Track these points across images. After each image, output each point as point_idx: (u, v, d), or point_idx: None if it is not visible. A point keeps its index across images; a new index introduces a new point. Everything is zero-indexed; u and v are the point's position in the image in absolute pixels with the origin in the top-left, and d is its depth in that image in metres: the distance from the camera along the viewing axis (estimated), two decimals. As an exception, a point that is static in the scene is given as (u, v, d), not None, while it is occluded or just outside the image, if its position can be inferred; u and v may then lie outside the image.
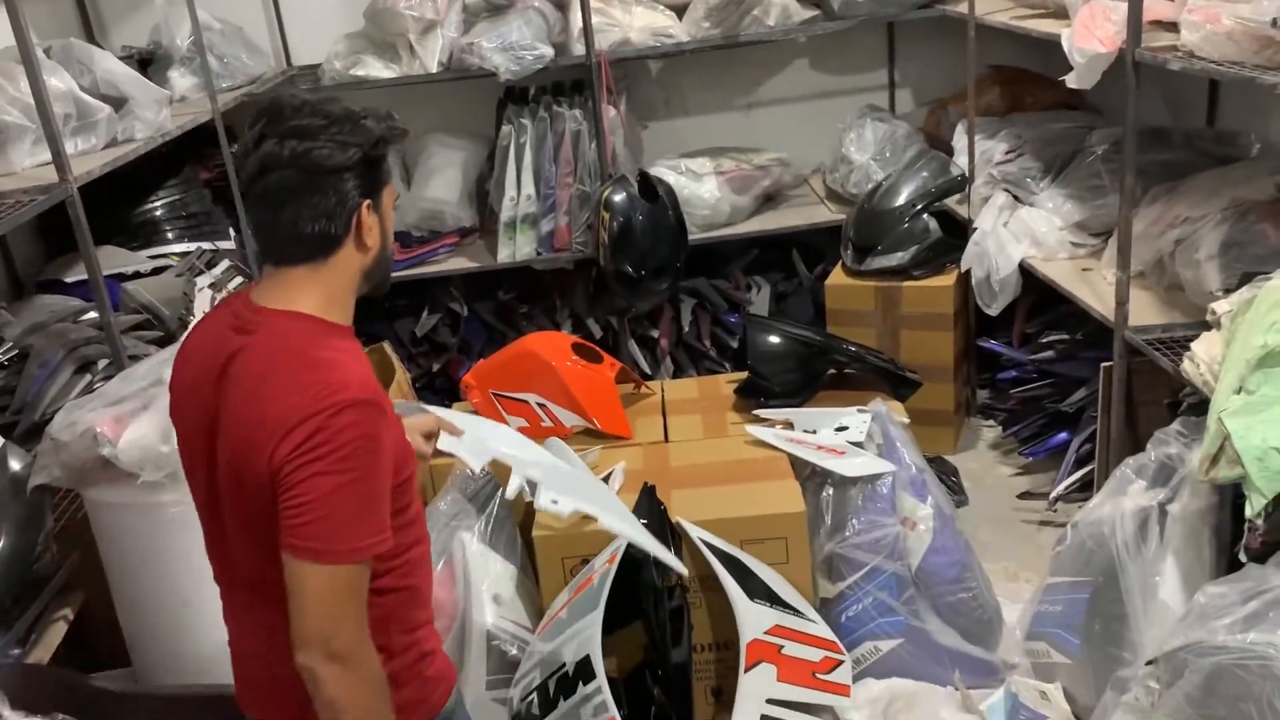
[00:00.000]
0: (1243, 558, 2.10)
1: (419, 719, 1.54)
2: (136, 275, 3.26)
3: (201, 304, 3.15)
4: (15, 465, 2.22)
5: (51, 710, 1.88)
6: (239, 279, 3.54)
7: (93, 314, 2.81)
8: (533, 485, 2.03)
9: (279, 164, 1.35)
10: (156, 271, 3.31)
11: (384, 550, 1.38)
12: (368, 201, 1.43)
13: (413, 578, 1.54)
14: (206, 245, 3.59)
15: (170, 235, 3.63)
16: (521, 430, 2.90)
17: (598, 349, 3.07)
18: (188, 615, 2.23)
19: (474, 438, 1.92)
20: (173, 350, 2.40)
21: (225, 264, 3.52)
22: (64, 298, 3.14)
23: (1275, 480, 1.92)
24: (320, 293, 1.42)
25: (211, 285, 3.33)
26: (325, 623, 1.32)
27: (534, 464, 2.08)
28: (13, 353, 2.76)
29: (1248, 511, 1.96)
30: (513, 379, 2.92)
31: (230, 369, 1.40)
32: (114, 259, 3.29)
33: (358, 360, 1.42)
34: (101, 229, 3.43)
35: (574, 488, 2.12)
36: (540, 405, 2.90)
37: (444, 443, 1.86)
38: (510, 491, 2.06)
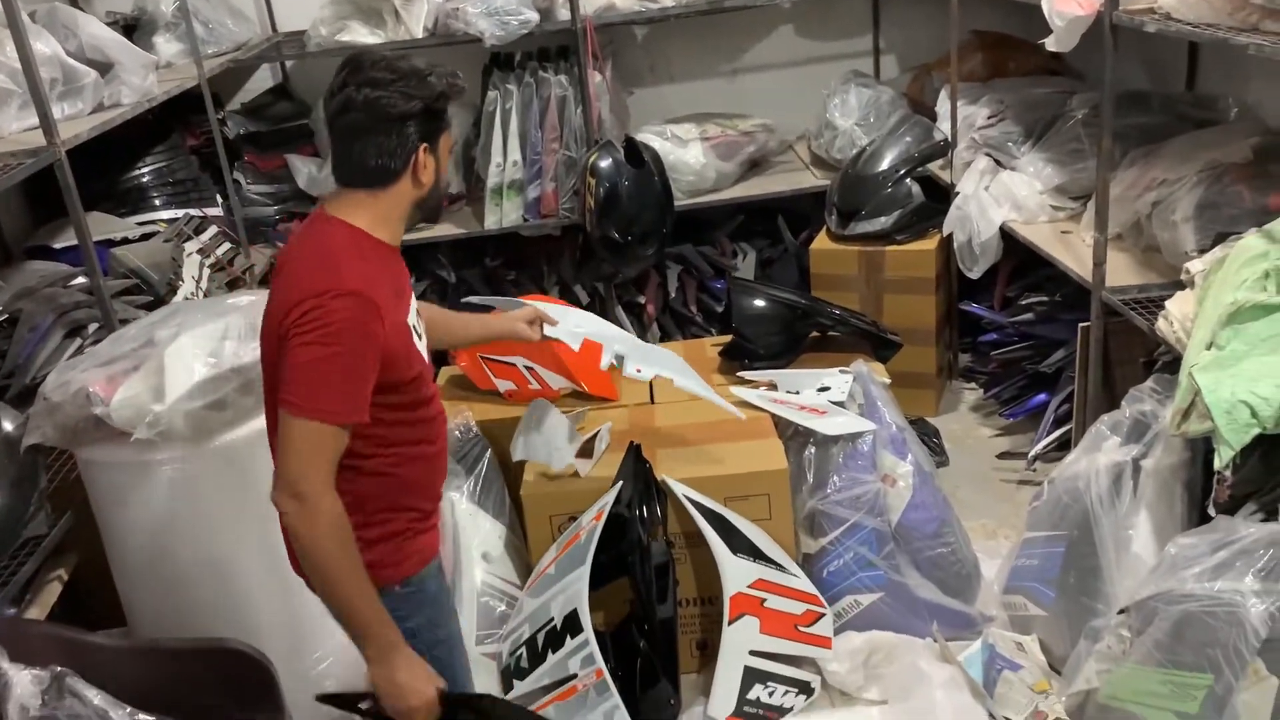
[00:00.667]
0: (1212, 511, 2.16)
1: (385, 578, 1.74)
2: (125, 241, 3.27)
3: (190, 269, 3.17)
4: (7, 426, 2.25)
5: (48, 664, 1.92)
6: (227, 245, 3.55)
7: (82, 279, 2.83)
8: (620, 358, 2.47)
9: (354, 108, 1.64)
10: (145, 238, 3.32)
11: (356, 422, 1.61)
12: (425, 145, 1.69)
13: (404, 469, 1.76)
14: (194, 211, 3.60)
15: (158, 202, 3.64)
16: (509, 394, 2.95)
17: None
18: (181, 572, 2.27)
19: (567, 325, 2.40)
20: (162, 312, 2.44)
21: (213, 230, 3.53)
22: (53, 263, 3.15)
23: (1243, 433, 1.97)
24: (373, 213, 1.70)
25: (200, 251, 3.35)
26: (295, 467, 1.58)
27: (619, 339, 2.53)
28: (2, 318, 2.79)
29: (1216, 464, 2.02)
30: (500, 343, 2.95)
31: (281, 261, 1.75)
32: (102, 225, 3.30)
33: (377, 268, 1.67)
34: (89, 196, 3.43)
35: (652, 359, 2.54)
36: (528, 368, 2.94)
37: (548, 330, 2.32)
38: (604, 364, 2.49)
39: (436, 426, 1.83)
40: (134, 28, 3.69)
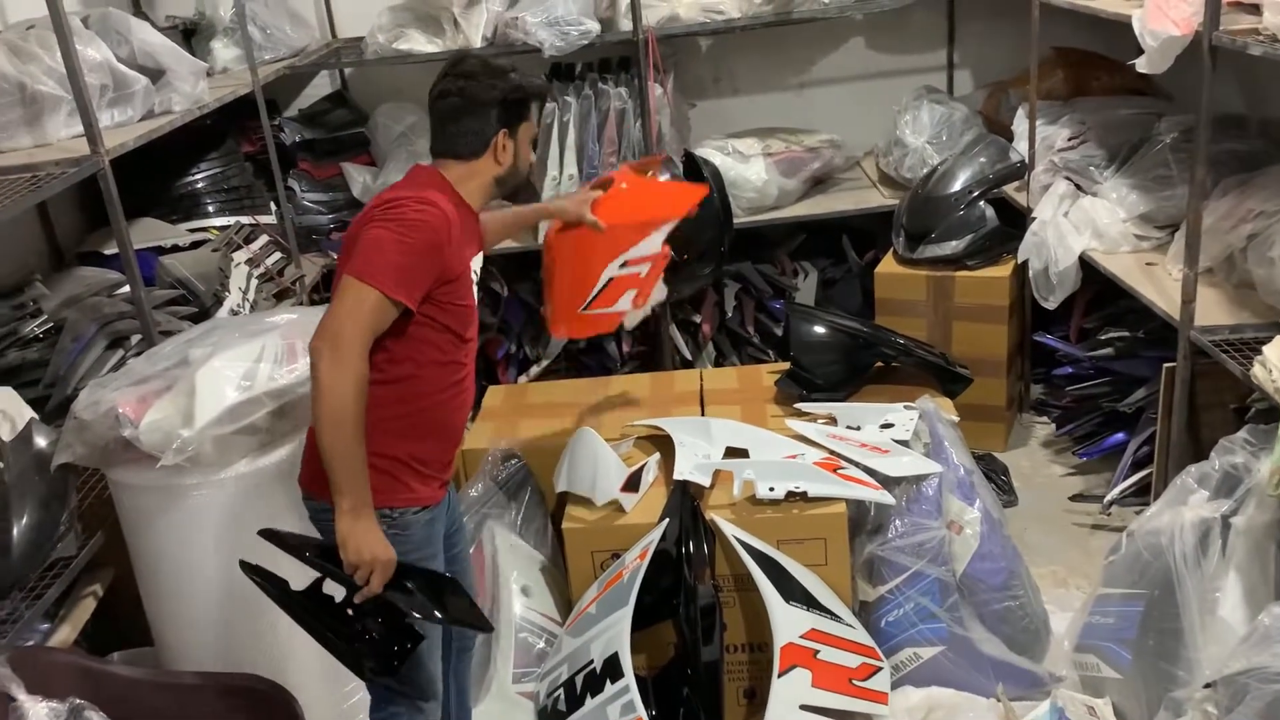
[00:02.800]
0: (1312, 578, 1.98)
1: (375, 502, 1.84)
2: (175, 249, 3.23)
3: (237, 280, 3.12)
4: (41, 442, 2.19)
5: (66, 695, 1.85)
6: (277, 254, 3.50)
7: (126, 289, 2.78)
8: (749, 482, 2.45)
9: (450, 94, 1.98)
10: (196, 245, 3.28)
11: (404, 301, 1.80)
12: (505, 130, 1.99)
13: (423, 403, 1.92)
14: (246, 219, 3.55)
15: (211, 208, 3.60)
16: (637, 302, 2.55)
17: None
18: (209, 599, 2.19)
19: (693, 456, 2.55)
20: (199, 329, 2.37)
21: (263, 239, 3.48)
22: (102, 270, 3.12)
23: (1352, 499, 1.79)
24: (459, 175, 2.00)
25: (248, 261, 3.30)
26: (338, 321, 1.77)
27: (748, 464, 2.52)
28: (47, 325, 2.75)
29: (1320, 530, 1.84)
30: (585, 278, 2.46)
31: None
32: (153, 232, 3.27)
33: (457, 211, 1.93)
34: (142, 200, 3.42)
35: (785, 474, 2.47)
36: (623, 267, 2.46)
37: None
38: (735, 490, 2.47)
39: (463, 382, 2.00)
40: (193, 32, 3.67)
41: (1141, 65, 2.53)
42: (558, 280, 2.45)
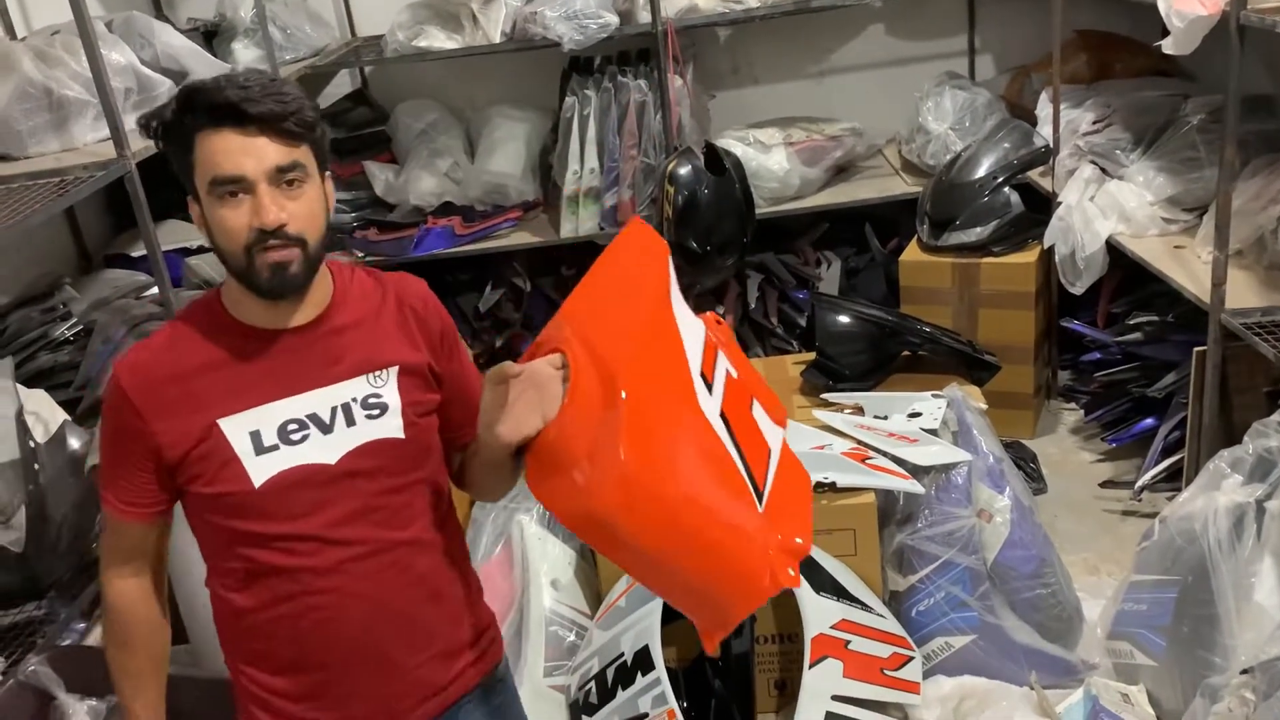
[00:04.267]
0: (1349, 562, 1.96)
1: None
2: (201, 250, 3.25)
3: (263, 279, 3.13)
4: (74, 444, 2.21)
5: (106, 693, 1.87)
6: (302, 253, 3.52)
7: (155, 290, 2.81)
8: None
9: None
10: (220, 246, 3.30)
11: (128, 519, 1.40)
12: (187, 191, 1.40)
13: (233, 625, 1.43)
14: (270, 219, 3.57)
15: (236, 209, 3.62)
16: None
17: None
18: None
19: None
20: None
21: (288, 238, 3.50)
22: (130, 272, 3.15)
23: (1390, 481, 1.77)
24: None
25: (274, 260, 3.31)
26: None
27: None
28: (77, 328, 2.78)
29: (1358, 514, 1.82)
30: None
31: None
32: (179, 233, 3.29)
33: (197, 352, 1.37)
34: (170, 202, 3.41)
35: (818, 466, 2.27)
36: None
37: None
38: None
39: (306, 583, 1.35)
40: (214, 34, 3.69)
41: (1167, 46, 2.50)
42: (688, 504, 1.26)
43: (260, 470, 1.33)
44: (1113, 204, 3.06)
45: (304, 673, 1.40)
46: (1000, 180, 3.40)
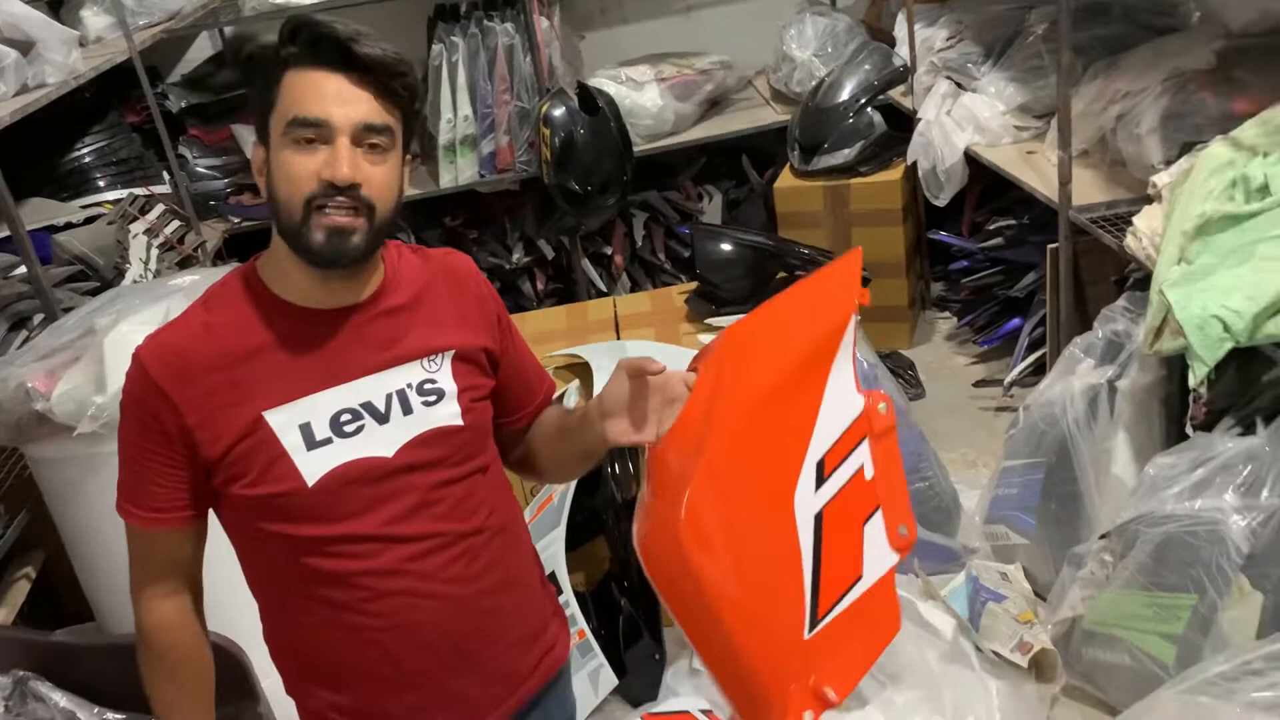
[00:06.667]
0: (1189, 429, 2.12)
1: None
2: (69, 226, 3.17)
3: (137, 251, 3.08)
4: (-48, 429, 2.17)
5: (9, 668, 1.87)
6: (176, 223, 3.45)
7: (23, 269, 2.74)
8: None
9: None
10: (90, 221, 3.22)
11: (159, 528, 1.26)
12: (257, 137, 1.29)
13: (288, 641, 1.32)
14: (139, 191, 3.49)
15: (101, 183, 3.53)
16: None
17: None
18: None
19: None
20: (101, 299, 2.35)
21: (160, 208, 3.43)
22: (-5, 254, 3.06)
23: (1216, 348, 1.93)
24: (272, 248, 1.31)
25: (147, 231, 3.25)
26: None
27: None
28: (-56, 314, 2.70)
29: (1191, 381, 1.97)
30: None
31: None
32: (43, 211, 3.19)
33: (235, 330, 1.24)
34: (29, 180, 3.34)
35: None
36: None
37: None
38: None
39: (371, 587, 1.23)
40: (60, 3, 3.55)
41: (1004, -41, 2.61)
42: (726, 602, 1.13)
43: (313, 467, 1.20)
44: (968, 116, 3.19)
45: (373, 685, 1.27)
46: (863, 102, 3.51)
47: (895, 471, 1.17)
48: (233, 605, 1.96)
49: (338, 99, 1.14)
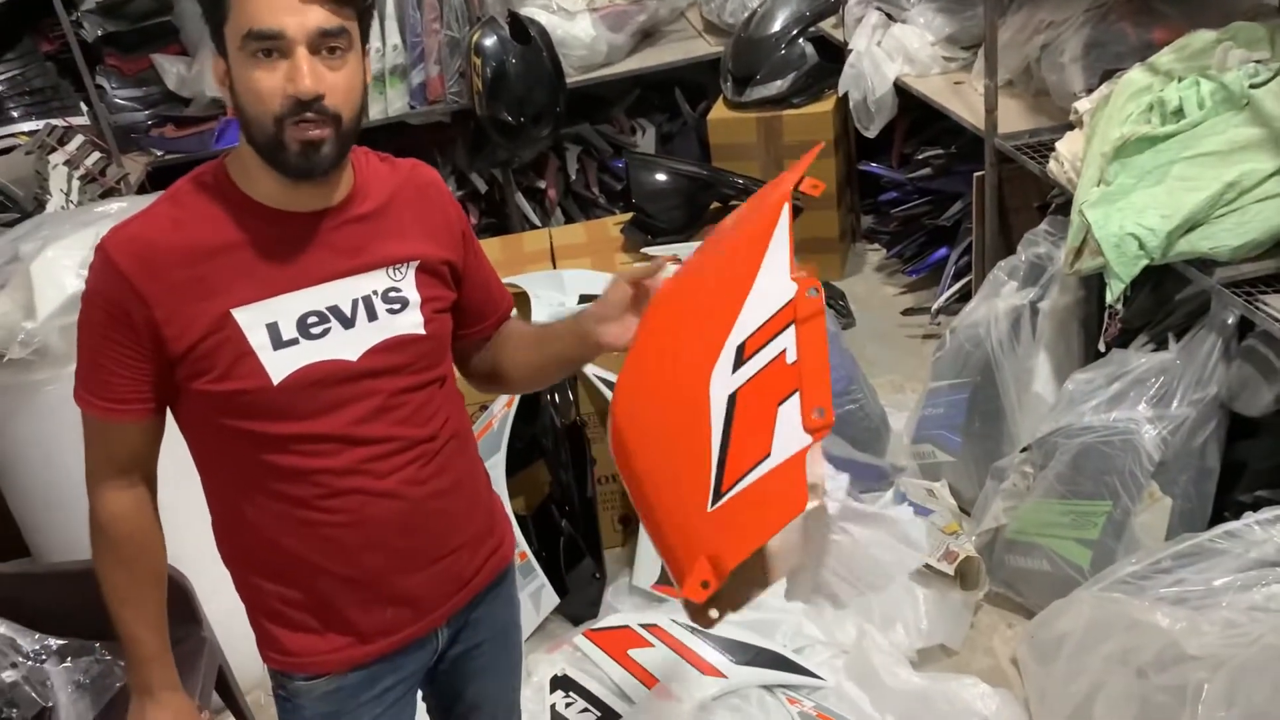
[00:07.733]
0: (1101, 347, 2.22)
1: (263, 657, 1.39)
2: (-17, 156, 3.07)
3: (57, 182, 2.99)
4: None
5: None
6: (96, 155, 3.35)
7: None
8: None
9: None
10: (4, 152, 3.13)
11: (119, 419, 1.25)
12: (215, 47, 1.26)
13: (243, 538, 1.34)
14: (57, 121, 3.38)
15: (15, 113, 3.42)
16: None
17: None
18: (80, 494, 2.18)
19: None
20: (25, 226, 2.29)
21: (79, 139, 3.32)
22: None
23: (1132, 265, 2.01)
24: (240, 147, 1.28)
25: (67, 163, 3.16)
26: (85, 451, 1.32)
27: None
28: None
29: (1108, 298, 2.06)
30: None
31: None
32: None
33: (169, 224, 1.24)
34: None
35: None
36: None
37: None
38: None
39: (327, 485, 1.27)
40: (-39, -76, 3.40)
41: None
42: (645, 475, 1.26)
43: (279, 366, 1.22)
44: (898, 47, 3.23)
45: (325, 580, 1.31)
46: (795, 33, 3.53)
47: (819, 355, 1.17)
48: (176, 531, 1.96)
49: (290, 7, 1.14)
